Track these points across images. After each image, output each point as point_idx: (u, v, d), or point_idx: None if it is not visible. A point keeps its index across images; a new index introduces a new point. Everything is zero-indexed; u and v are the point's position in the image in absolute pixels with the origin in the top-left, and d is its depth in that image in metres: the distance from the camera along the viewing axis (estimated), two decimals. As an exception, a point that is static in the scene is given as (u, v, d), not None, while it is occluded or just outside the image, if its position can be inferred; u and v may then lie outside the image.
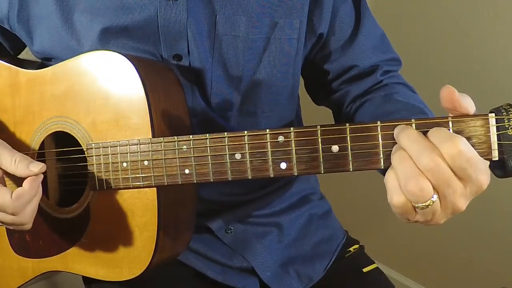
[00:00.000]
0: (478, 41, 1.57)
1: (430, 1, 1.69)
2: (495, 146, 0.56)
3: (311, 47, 0.95)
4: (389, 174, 0.58)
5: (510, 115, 0.56)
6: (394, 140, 0.59)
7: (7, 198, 0.69)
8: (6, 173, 0.74)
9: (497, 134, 0.56)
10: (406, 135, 0.57)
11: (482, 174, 0.56)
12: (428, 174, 0.55)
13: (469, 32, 1.59)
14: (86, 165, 0.77)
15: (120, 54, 0.75)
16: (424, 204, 0.56)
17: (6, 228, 0.86)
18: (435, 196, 0.56)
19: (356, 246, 1.09)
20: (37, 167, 0.71)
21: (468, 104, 0.58)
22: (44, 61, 0.92)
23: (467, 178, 0.55)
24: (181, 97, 0.80)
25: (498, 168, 0.58)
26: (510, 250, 1.61)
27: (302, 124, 1.09)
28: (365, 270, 1.03)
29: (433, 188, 0.55)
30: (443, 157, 0.54)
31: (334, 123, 1.03)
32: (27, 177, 0.71)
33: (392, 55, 1.01)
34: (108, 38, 0.84)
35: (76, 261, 0.82)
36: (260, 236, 1.00)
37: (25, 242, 0.85)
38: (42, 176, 0.72)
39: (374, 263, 1.05)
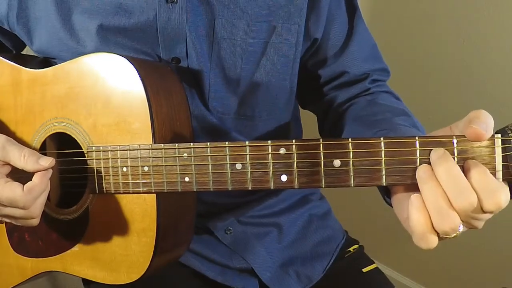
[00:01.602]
0: (477, 41, 1.55)
1: (429, 1, 1.67)
2: (499, 167, 0.56)
3: (305, 51, 0.95)
4: (418, 206, 0.57)
5: None
6: (397, 157, 0.58)
7: (18, 192, 0.70)
8: (14, 169, 0.74)
9: (502, 155, 0.55)
10: (447, 171, 0.55)
11: None
12: (461, 212, 0.55)
13: (469, 32, 1.57)
14: (86, 168, 0.76)
15: (122, 57, 0.74)
16: (450, 236, 0.56)
17: (6, 226, 0.87)
18: (461, 226, 0.56)
19: (355, 246, 1.09)
20: (47, 161, 0.72)
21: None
22: (47, 57, 0.91)
23: (491, 213, 0.56)
24: (184, 99, 0.79)
25: None
26: (510, 250, 1.61)
27: (300, 125, 1.09)
28: (364, 270, 1.03)
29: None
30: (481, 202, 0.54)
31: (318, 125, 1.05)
32: (36, 172, 0.72)
33: (382, 65, 1.01)
34: (107, 38, 0.83)
35: (75, 262, 0.82)
36: (259, 236, 1.00)
37: (24, 241, 0.85)
38: (51, 170, 0.73)
39: (373, 263, 1.05)
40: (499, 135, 0.56)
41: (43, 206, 0.74)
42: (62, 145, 0.83)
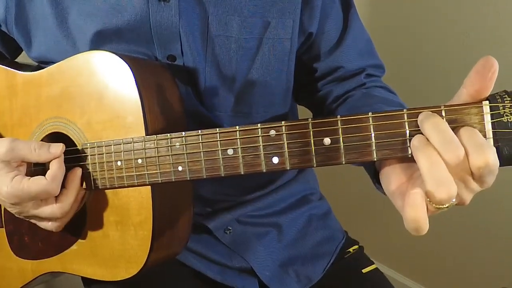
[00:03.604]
0: (478, 41, 1.56)
1: (430, 1, 1.69)
2: (489, 134, 0.55)
3: (300, 45, 0.95)
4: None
5: (506, 102, 0.55)
6: (386, 131, 0.58)
7: (44, 182, 0.72)
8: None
9: (491, 122, 0.55)
10: (433, 125, 0.55)
11: (494, 178, 0.55)
12: (450, 168, 0.53)
13: (469, 32, 1.58)
14: (81, 164, 0.77)
15: (114, 54, 0.75)
16: (444, 206, 0.55)
17: (6, 230, 0.87)
18: (454, 198, 0.55)
19: (355, 246, 1.08)
20: (58, 148, 0.75)
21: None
22: (41, 65, 0.92)
23: (481, 182, 0.55)
24: (176, 95, 0.80)
25: None
26: (510, 250, 1.60)
27: None
28: (364, 271, 1.02)
29: None
30: (468, 161, 0.53)
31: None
32: (50, 161, 0.75)
33: (377, 61, 1.01)
34: (102, 41, 0.84)
35: (74, 261, 0.82)
36: (259, 236, 1.00)
37: (24, 244, 0.85)
38: (63, 155, 0.75)
39: (373, 263, 1.05)
40: (487, 102, 0.55)
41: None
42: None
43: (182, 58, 0.85)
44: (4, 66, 0.87)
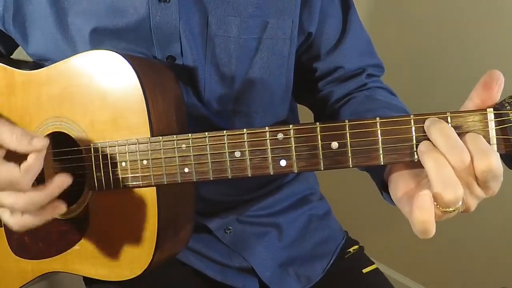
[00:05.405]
0: (478, 41, 1.57)
1: (430, 1, 1.69)
2: (493, 141, 0.56)
3: (299, 45, 0.95)
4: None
5: None
6: (393, 136, 0.59)
7: (16, 172, 0.65)
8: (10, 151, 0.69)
9: (498, 129, 0.56)
10: (439, 129, 0.56)
11: (499, 185, 0.56)
12: (456, 172, 0.54)
13: (469, 32, 1.59)
14: (85, 165, 0.77)
15: (117, 53, 0.74)
16: (451, 209, 0.55)
17: (5, 230, 0.86)
18: (460, 201, 0.56)
19: (355, 246, 1.09)
20: (40, 142, 0.66)
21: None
22: (40, 62, 0.92)
23: (485, 188, 0.57)
24: (179, 95, 0.80)
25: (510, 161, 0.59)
26: (510, 250, 1.61)
27: (298, 120, 1.09)
28: (364, 271, 1.03)
29: None
30: (472, 166, 0.55)
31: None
32: (30, 153, 0.67)
33: (376, 61, 1.02)
34: (101, 40, 0.84)
35: (76, 261, 0.81)
36: (259, 236, 1.00)
37: (24, 244, 0.85)
38: (45, 150, 0.68)
39: (373, 263, 1.05)
40: (491, 109, 0.56)
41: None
42: (60, 144, 0.83)
43: (182, 58, 0.85)
44: (2, 64, 0.86)
